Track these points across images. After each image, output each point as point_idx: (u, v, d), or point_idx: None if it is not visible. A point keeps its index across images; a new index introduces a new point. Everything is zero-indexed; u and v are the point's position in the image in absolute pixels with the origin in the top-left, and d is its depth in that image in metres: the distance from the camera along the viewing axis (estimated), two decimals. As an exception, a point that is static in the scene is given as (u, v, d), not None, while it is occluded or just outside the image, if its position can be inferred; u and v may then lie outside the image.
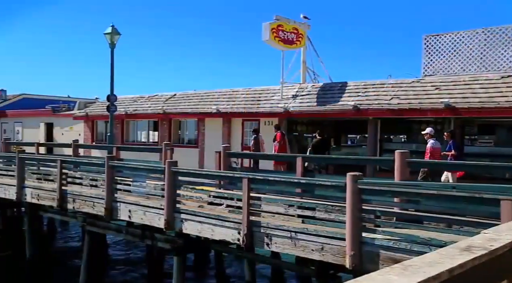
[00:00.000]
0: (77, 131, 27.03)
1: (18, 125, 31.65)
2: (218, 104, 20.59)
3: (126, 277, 16.17)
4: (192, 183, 8.97)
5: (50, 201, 11.55)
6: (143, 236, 10.53)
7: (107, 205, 9.86)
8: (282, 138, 15.50)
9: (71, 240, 21.15)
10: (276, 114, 18.35)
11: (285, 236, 6.96)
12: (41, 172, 12.42)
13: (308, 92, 18.49)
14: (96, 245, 11.81)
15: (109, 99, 17.40)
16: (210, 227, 8.02)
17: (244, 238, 7.39)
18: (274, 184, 7.73)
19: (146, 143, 24.04)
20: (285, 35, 18.09)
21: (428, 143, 11.11)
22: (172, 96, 23.83)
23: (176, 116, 22.21)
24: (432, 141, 11.11)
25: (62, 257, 18.24)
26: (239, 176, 7.86)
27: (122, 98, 24.97)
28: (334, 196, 6.98)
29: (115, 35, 16.77)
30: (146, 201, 9.35)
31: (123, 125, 24.78)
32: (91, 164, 11.69)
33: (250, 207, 7.44)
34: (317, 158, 12.63)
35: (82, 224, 12.12)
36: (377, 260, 5.95)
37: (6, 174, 13.30)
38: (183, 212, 8.48)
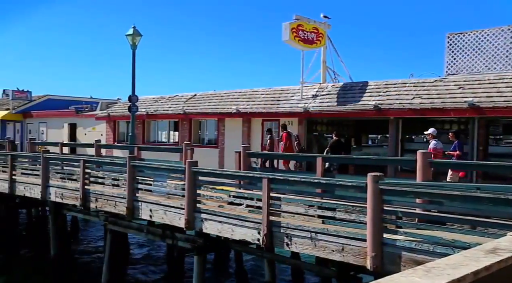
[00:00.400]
0: (99, 131, 27.45)
1: (42, 126, 32.33)
2: (238, 104, 20.64)
3: (147, 276, 16.35)
4: (212, 183, 9.00)
5: (73, 200, 11.74)
6: (164, 235, 10.62)
7: (129, 205, 9.97)
8: (288, 138, 15.59)
9: (93, 238, 21.50)
10: (295, 114, 18.29)
11: (305, 237, 6.93)
12: (65, 172, 12.64)
13: (328, 92, 18.37)
14: (117, 244, 11.98)
15: (131, 99, 17.62)
16: (230, 227, 8.03)
17: (264, 238, 7.38)
18: (294, 184, 7.69)
19: (167, 143, 24.25)
20: (305, 35, 18.01)
21: (431, 143, 11.31)
22: (192, 97, 24.00)
23: (196, 116, 22.35)
24: (435, 142, 11.29)
25: (85, 255, 18.56)
26: (259, 176, 7.85)
27: (143, 99, 25.26)
28: (355, 196, 6.91)
29: (136, 36, 16.97)
30: (167, 200, 9.42)
31: (144, 125, 25.06)
32: (113, 164, 11.83)
33: (270, 207, 7.42)
34: (337, 158, 12.53)
35: (104, 223, 12.30)
36: (399, 262, 5.87)
37: (32, 174, 13.59)
38: (203, 211, 8.52)
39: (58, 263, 13.19)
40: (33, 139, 23.71)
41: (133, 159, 10.36)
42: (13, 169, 13.73)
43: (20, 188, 13.56)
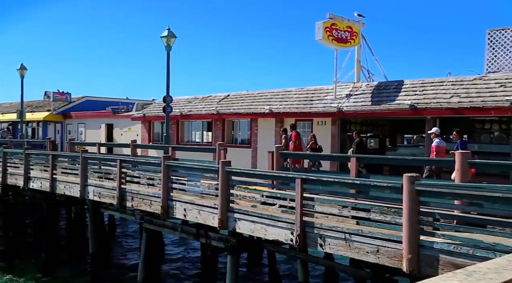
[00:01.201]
0: (135, 132, 28.04)
1: (81, 126, 33.31)
2: (271, 104, 20.64)
3: (181, 274, 16.57)
4: (245, 183, 9.03)
5: (110, 199, 12.02)
6: (198, 234, 10.73)
7: (163, 204, 10.12)
8: (296, 137, 15.60)
9: (129, 236, 21.98)
10: (329, 114, 18.13)
11: (339, 238, 6.85)
12: (102, 171, 12.95)
13: (362, 91, 18.11)
14: (153, 242, 12.18)
15: (165, 100, 17.88)
16: (263, 227, 8.03)
17: (297, 239, 7.34)
18: (328, 184, 7.61)
19: (200, 143, 24.51)
20: (338, 34, 17.82)
21: (434, 142, 11.64)
22: (225, 97, 24.16)
23: (230, 117, 22.48)
24: (437, 140, 11.65)
25: (121, 253, 19.00)
26: (292, 176, 7.82)
27: (177, 99, 25.62)
28: (390, 197, 6.77)
29: (171, 38, 17.21)
30: (201, 200, 9.51)
31: (178, 126, 25.42)
32: (148, 164, 12.04)
33: (303, 208, 7.38)
34: (373, 159, 12.31)
35: (140, 222, 12.53)
36: (436, 265, 5.71)
37: (71, 173, 14.00)
38: (237, 211, 8.55)
39: (97, 260, 13.53)
40: (73, 139, 24.45)
41: (167, 159, 10.51)
42: (54, 169, 14.18)
43: (60, 186, 14.00)
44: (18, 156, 16.37)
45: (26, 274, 15.94)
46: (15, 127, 36.29)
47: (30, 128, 37.41)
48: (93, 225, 13.68)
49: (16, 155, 16.57)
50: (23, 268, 16.66)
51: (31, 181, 15.32)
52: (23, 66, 27.84)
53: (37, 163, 15.58)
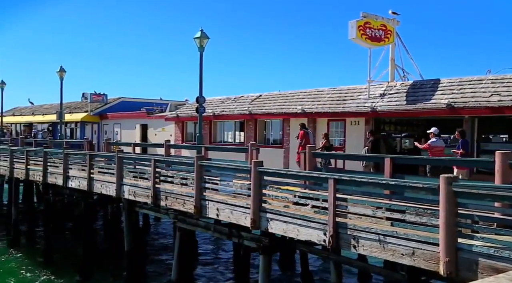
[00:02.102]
0: (168, 132, 28.48)
1: (117, 127, 34.11)
2: (303, 104, 20.54)
3: (214, 273, 16.71)
4: (278, 183, 9.01)
5: (145, 198, 12.24)
6: (230, 234, 10.79)
7: (196, 203, 10.22)
8: (304, 136, 15.44)
9: (163, 235, 22.34)
10: (362, 114, 17.88)
11: (373, 239, 6.73)
12: (137, 171, 13.20)
13: (397, 90, 17.77)
14: (186, 241, 12.33)
15: (198, 101, 18.07)
16: (296, 227, 7.99)
17: (330, 240, 7.26)
18: (361, 185, 7.50)
19: (233, 144, 24.64)
20: (372, 32, 17.55)
21: (429, 140, 12.33)
22: (257, 97, 24.20)
23: (262, 117, 22.51)
24: (434, 140, 12.25)
25: (155, 251, 19.33)
26: (325, 177, 7.74)
27: (210, 100, 25.85)
28: (426, 198, 6.60)
29: (204, 39, 17.38)
30: (233, 200, 9.55)
31: (211, 126, 25.65)
32: (182, 164, 12.18)
33: (336, 208, 7.30)
34: (408, 159, 12.04)
35: (173, 221, 12.70)
36: (476, 269, 5.53)
37: (107, 172, 14.33)
38: (269, 211, 8.54)
39: (132, 258, 13.81)
40: (109, 139, 25.06)
41: (200, 159, 10.61)
42: (91, 168, 14.56)
43: (97, 185, 14.36)
44: (57, 156, 16.89)
45: (65, 271, 16.46)
46: (55, 127, 37.55)
47: (69, 128, 38.59)
48: (128, 223, 13.96)
49: (56, 155, 17.10)
50: (61, 264, 17.22)
51: (69, 180, 15.78)
52: (62, 68, 28.75)
53: (75, 163, 16.03)
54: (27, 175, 18.66)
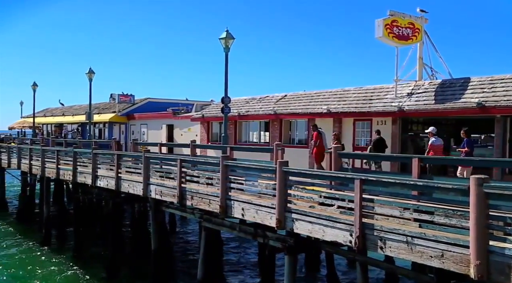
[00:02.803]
0: (194, 132, 28.73)
1: (143, 127, 34.61)
2: (328, 104, 20.39)
3: (239, 272, 16.75)
4: (303, 183, 8.96)
5: (171, 198, 12.36)
6: (255, 234, 10.79)
7: (222, 203, 10.27)
8: (317, 137, 15.24)
9: (189, 234, 22.55)
10: (389, 114, 17.62)
11: (400, 241, 6.62)
12: (163, 171, 13.34)
13: (425, 89, 17.44)
14: (211, 241, 12.40)
15: (223, 101, 18.16)
16: (321, 228, 7.93)
17: (357, 241, 7.18)
18: (388, 185, 7.38)
19: (258, 144, 24.67)
20: (399, 31, 17.29)
21: (430, 140, 12.73)
22: (283, 97, 24.16)
23: (287, 117, 22.45)
24: (433, 139, 12.66)
25: (181, 250, 19.53)
26: (351, 177, 7.66)
27: (235, 100, 25.95)
28: (456, 200, 6.45)
29: (229, 39, 17.45)
30: (258, 200, 9.55)
31: (236, 126, 25.73)
32: (207, 164, 12.25)
33: (362, 209, 7.21)
34: (437, 159, 11.80)
35: (199, 220, 12.79)
36: (509, 272, 5.37)
37: (134, 172, 14.54)
38: (294, 211, 8.51)
39: (158, 257, 13.97)
40: (136, 139, 25.44)
41: (225, 159, 10.65)
42: (119, 168, 14.80)
43: (124, 185, 14.59)
44: (86, 156, 17.24)
45: (93, 268, 16.80)
46: (84, 128, 38.37)
47: (97, 129, 39.37)
48: (155, 222, 14.13)
49: (85, 154, 17.45)
50: (90, 262, 17.58)
51: (98, 180, 16.09)
52: (91, 70, 29.36)
53: (103, 162, 16.32)
54: (58, 175, 19.12)
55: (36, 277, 16.31)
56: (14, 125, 52.86)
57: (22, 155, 23.34)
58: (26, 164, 22.62)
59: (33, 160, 21.80)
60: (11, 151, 25.03)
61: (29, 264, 17.81)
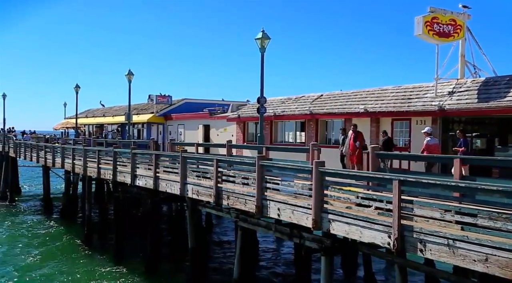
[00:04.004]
0: (230, 132, 28.92)
1: (181, 127, 35.15)
2: (365, 103, 20.06)
3: (275, 272, 16.74)
4: (339, 183, 8.85)
5: (207, 197, 12.48)
6: (291, 234, 10.75)
7: (258, 203, 10.28)
8: (362, 138, 15.21)
9: (225, 234, 22.73)
10: (429, 113, 17.15)
11: (441, 243, 6.42)
12: (200, 170, 13.49)
13: (467, 88, 16.87)
14: (247, 240, 12.43)
15: (259, 101, 18.17)
16: (358, 229, 7.81)
17: (395, 243, 7.02)
18: (428, 187, 7.18)
19: (294, 144, 24.57)
20: (440, 28, 16.80)
21: (425, 140, 13.21)
22: (319, 97, 23.96)
23: (323, 117, 22.25)
24: (429, 139, 13.17)
25: (217, 249, 19.71)
26: (389, 178, 7.50)
27: (271, 100, 25.94)
28: (500, 202, 6.19)
29: (265, 39, 17.45)
30: (294, 200, 9.50)
31: (271, 126, 25.72)
32: (243, 164, 12.29)
33: (401, 211, 7.05)
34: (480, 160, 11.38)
35: (235, 220, 12.86)
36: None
37: (172, 171, 14.78)
38: (331, 212, 8.42)
39: (195, 256, 14.15)
40: (173, 139, 25.87)
41: (261, 159, 10.66)
42: (156, 167, 15.08)
43: (162, 184, 14.85)
44: (126, 156, 17.66)
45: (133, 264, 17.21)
46: (123, 128, 39.34)
47: (136, 129, 40.28)
48: (191, 221, 14.32)
49: (124, 154, 17.88)
50: (130, 258, 18.02)
51: (137, 179, 16.45)
52: (131, 71, 30.06)
53: (142, 162, 16.68)
54: (99, 174, 19.68)
55: (78, 272, 16.87)
56: (58, 126, 54.87)
57: (65, 154, 24.18)
58: (69, 163, 23.42)
59: (76, 160, 22.53)
60: (55, 151, 25.98)
61: (71, 259, 18.46)
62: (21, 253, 19.80)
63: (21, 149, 32.36)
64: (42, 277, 16.64)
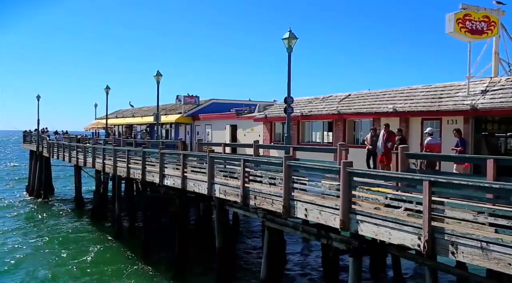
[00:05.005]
0: (257, 132, 28.95)
1: (208, 127, 35.42)
2: (394, 103, 19.74)
3: (302, 272, 16.67)
4: (368, 184, 8.73)
5: (235, 197, 12.52)
6: (319, 235, 10.67)
7: (285, 203, 10.25)
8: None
9: (252, 234, 22.77)
10: (461, 112, 16.73)
11: (474, 246, 6.26)
12: (227, 170, 13.55)
13: (501, 86, 16.38)
14: (275, 241, 12.41)
15: (286, 101, 18.12)
16: (387, 230, 7.69)
17: (425, 245, 6.88)
18: (460, 188, 7.00)
19: (321, 144, 24.39)
20: (473, 25, 16.37)
21: (426, 140, 13.48)
22: (346, 97, 23.73)
23: (351, 116, 22.01)
24: (430, 138, 13.40)
25: (244, 249, 19.76)
26: (419, 178, 7.35)
27: (298, 100, 25.83)
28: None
29: (292, 39, 17.38)
30: (322, 200, 9.43)
31: (299, 126, 25.61)
32: (270, 164, 12.28)
33: (432, 212, 6.90)
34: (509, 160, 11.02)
35: (262, 220, 12.86)
36: None
37: (200, 171, 14.90)
38: (359, 213, 8.32)
39: (223, 255, 14.21)
40: (201, 139, 26.06)
41: (288, 159, 10.62)
42: (184, 167, 15.23)
43: (190, 184, 14.99)
44: (154, 156, 17.91)
45: (161, 263, 17.44)
46: (152, 128, 39.91)
47: (164, 129, 40.81)
48: (219, 221, 14.40)
49: (153, 154, 18.14)
50: (158, 257, 18.28)
51: (165, 178, 16.66)
52: (159, 72, 30.48)
53: (170, 162, 16.88)
54: (128, 173, 20.03)
55: (108, 269, 17.23)
56: (89, 126, 56.19)
57: (96, 154, 24.71)
58: (99, 163, 23.93)
59: (106, 160, 23.00)
60: (86, 151, 26.60)
61: (101, 257, 18.87)
62: (54, 249, 20.41)
63: (54, 149, 33.28)
64: (73, 271, 17.11)
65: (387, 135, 14.80)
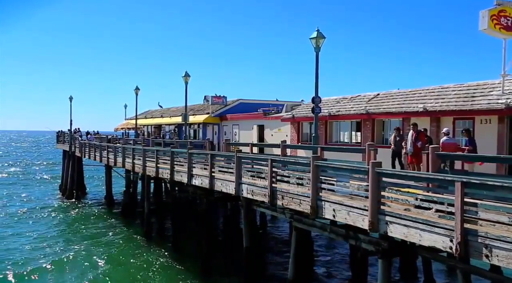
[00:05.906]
0: (284, 132, 28.87)
1: (235, 127, 35.56)
2: (425, 102, 19.34)
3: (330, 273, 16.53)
4: (397, 184, 8.58)
5: (262, 197, 12.53)
6: (347, 235, 10.56)
7: (313, 203, 10.19)
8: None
9: (279, 234, 22.73)
10: (495, 111, 16.25)
11: (509, 249, 6.06)
12: (254, 170, 13.56)
13: (537, 84, 15.82)
14: (302, 241, 12.36)
15: (314, 101, 18.00)
16: (418, 232, 7.53)
17: (458, 247, 6.71)
18: (495, 189, 6.79)
19: (349, 144, 24.14)
20: (508, 21, 15.87)
21: (441, 139, 13.53)
22: (375, 96, 23.40)
23: (379, 116, 21.70)
24: (445, 138, 13.39)
25: (272, 249, 19.74)
26: (451, 179, 7.17)
27: (326, 100, 25.63)
28: None
29: (320, 39, 17.26)
30: (350, 201, 9.33)
31: (326, 126, 25.42)
32: (298, 164, 12.23)
33: (464, 214, 6.72)
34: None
35: (290, 220, 12.81)
36: None
37: (227, 171, 14.97)
38: (388, 214, 8.18)
39: (250, 255, 14.24)
40: (228, 139, 26.19)
41: (316, 159, 10.55)
42: (212, 167, 15.33)
43: (217, 184, 15.07)
44: (182, 155, 18.10)
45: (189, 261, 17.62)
46: (180, 128, 40.36)
47: (192, 129, 41.20)
48: (246, 221, 14.43)
49: (181, 154, 18.33)
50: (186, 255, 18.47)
51: (193, 178, 16.81)
52: (187, 73, 30.79)
53: (198, 162, 17.02)
54: (157, 173, 20.30)
55: (137, 266, 17.55)
56: (119, 127, 57.25)
57: (126, 154, 25.16)
58: (129, 163, 24.35)
59: (136, 159, 23.38)
60: (116, 151, 27.11)
61: (131, 254, 19.22)
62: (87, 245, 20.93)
63: (86, 149, 34.08)
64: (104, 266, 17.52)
65: (416, 134, 14.51)
